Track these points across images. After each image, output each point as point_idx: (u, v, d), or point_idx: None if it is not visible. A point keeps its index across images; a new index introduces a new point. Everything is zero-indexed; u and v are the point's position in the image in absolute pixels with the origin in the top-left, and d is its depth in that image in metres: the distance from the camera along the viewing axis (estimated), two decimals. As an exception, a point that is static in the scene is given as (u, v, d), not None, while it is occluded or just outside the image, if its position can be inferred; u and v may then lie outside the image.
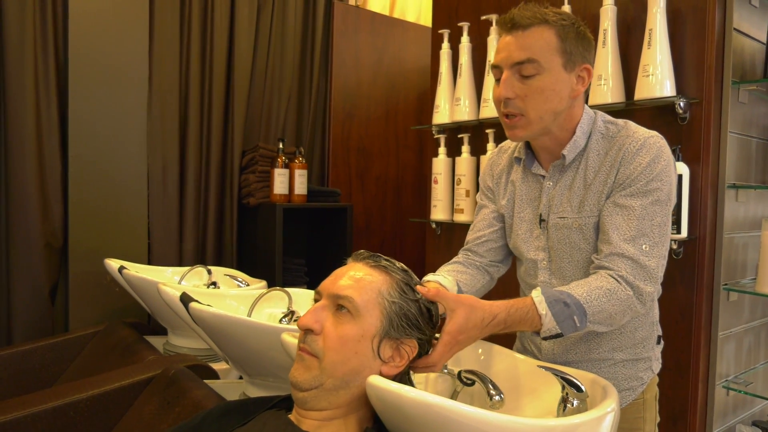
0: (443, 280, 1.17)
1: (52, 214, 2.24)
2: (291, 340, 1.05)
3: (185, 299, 1.43)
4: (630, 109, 1.69)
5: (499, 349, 1.23)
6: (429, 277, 1.20)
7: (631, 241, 1.02)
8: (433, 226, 2.30)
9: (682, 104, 1.57)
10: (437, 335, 0.96)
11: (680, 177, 1.53)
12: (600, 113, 1.15)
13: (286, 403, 0.97)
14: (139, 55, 2.38)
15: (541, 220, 1.16)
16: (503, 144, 1.31)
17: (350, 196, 3.04)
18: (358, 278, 0.90)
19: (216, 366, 1.80)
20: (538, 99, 1.05)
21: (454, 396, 1.20)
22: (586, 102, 1.73)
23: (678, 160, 1.56)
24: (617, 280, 1.01)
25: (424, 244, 2.44)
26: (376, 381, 0.81)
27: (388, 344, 0.89)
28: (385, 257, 0.94)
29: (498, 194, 1.27)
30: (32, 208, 2.17)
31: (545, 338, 1.00)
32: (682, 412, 1.59)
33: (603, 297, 0.99)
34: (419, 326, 0.91)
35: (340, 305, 0.88)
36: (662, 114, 1.63)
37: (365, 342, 0.87)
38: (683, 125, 1.59)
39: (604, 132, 1.11)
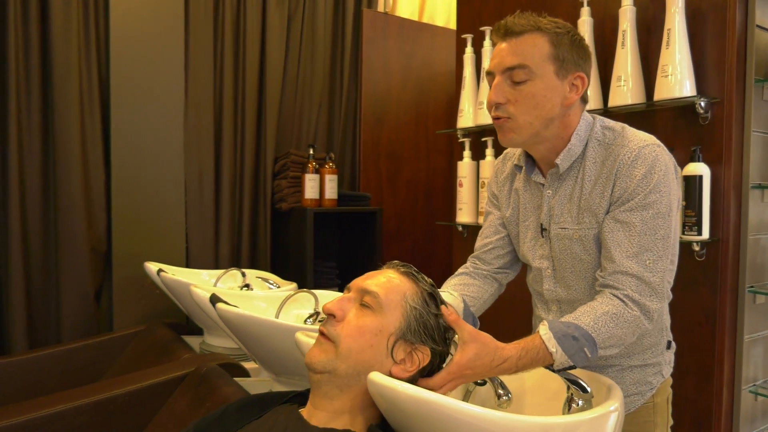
0: (448, 297, 1.17)
1: (96, 221, 2.37)
2: (305, 339, 1.10)
3: (214, 300, 1.50)
4: (651, 110, 1.68)
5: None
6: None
7: (634, 258, 1.01)
8: (459, 228, 2.33)
9: (702, 104, 1.55)
10: (451, 353, 0.98)
11: (701, 178, 1.52)
12: (599, 118, 1.14)
13: (300, 398, 1.02)
14: (175, 70, 2.50)
15: (543, 229, 1.16)
16: (507, 151, 1.30)
17: (381, 200, 3.09)
18: (387, 280, 0.96)
19: (247, 365, 1.87)
20: (528, 104, 1.05)
21: (466, 396, 1.23)
22: (606, 106, 1.74)
23: (698, 160, 1.54)
24: (623, 301, 1.01)
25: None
26: (376, 377, 0.86)
27: (402, 347, 0.93)
28: (416, 269, 1.00)
29: (502, 202, 1.27)
30: (78, 216, 2.31)
31: (558, 371, 1.00)
32: (707, 416, 1.57)
33: (610, 323, 0.99)
34: (434, 338, 0.96)
35: (365, 300, 0.94)
36: (683, 114, 1.62)
37: (381, 337, 0.92)
38: (704, 125, 1.57)
39: (600, 138, 1.10)
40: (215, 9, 2.64)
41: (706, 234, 1.53)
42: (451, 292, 1.21)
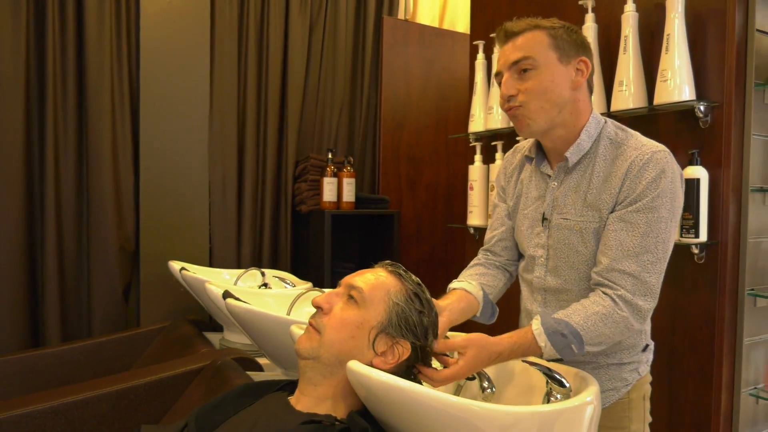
0: (468, 286, 1.25)
1: (125, 222, 2.51)
2: (299, 331, 1.17)
3: (225, 296, 1.60)
4: (652, 114, 1.70)
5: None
6: (454, 284, 1.28)
7: (634, 257, 1.05)
8: (471, 231, 2.37)
9: (702, 108, 1.56)
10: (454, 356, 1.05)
11: (698, 181, 1.53)
12: (610, 120, 1.18)
13: (291, 386, 1.09)
14: (201, 79, 2.63)
15: (544, 219, 1.20)
16: (518, 145, 1.36)
17: (401, 203, 3.15)
18: (375, 277, 1.03)
19: (262, 360, 1.96)
20: (536, 91, 1.10)
21: (457, 390, 1.28)
22: (609, 108, 1.76)
23: (696, 164, 1.55)
24: (615, 301, 1.05)
25: (467, 249, 2.51)
26: (354, 365, 0.92)
27: (383, 340, 1.00)
28: (404, 269, 1.07)
29: (508, 193, 1.32)
30: (108, 217, 2.45)
31: (542, 365, 1.08)
32: (706, 419, 1.57)
33: (599, 322, 1.04)
34: (416, 333, 1.01)
35: (351, 294, 1.01)
36: (684, 118, 1.63)
37: (363, 330, 0.99)
38: (705, 129, 1.58)
39: (613, 137, 1.14)
40: (239, 18, 2.76)
41: (703, 237, 1.54)
42: (469, 281, 1.27)
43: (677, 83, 1.56)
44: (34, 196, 2.37)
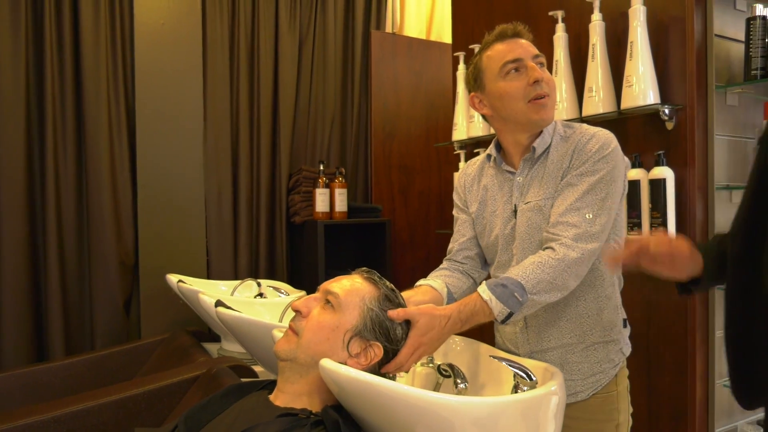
0: (433, 283, 1.31)
1: (125, 237, 2.59)
2: (280, 335, 1.24)
3: (217, 305, 1.67)
4: (622, 118, 1.77)
5: (471, 343, 1.37)
6: (421, 281, 1.34)
7: (576, 212, 1.15)
8: (458, 236, 2.43)
9: (666, 111, 1.63)
10: None
11: (665, 181, 1.59)
12: (559, 121, 1.30)
13: (272, 385, 1.16)
14: (194, 96, 2.72)
15: (515, 211, 1.28)
16: (469, 161, 1.46)
17: (393, 212, 3.22)
18: (351, 283, 1.10)
19: (257, 368, 2.02)
20: (554, 84, 1.25)
21: (437, 388, 1.35)
22: (581, 114, 1.83)
23: (662, 164, 1.62)
24: (553, 249, 1.13)
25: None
26: (326, 363, 0.98)
27: (358, 342, 1.06)
28: (379, 275, 1.14)
29: (469, 202, 1.39)
30: (108, 232, 2.54)
31: (503, 321, 1.11)
32: (683, 410, 1.62)
33: (536, 269, 1.11)
34: (388, 336, 1.08)
35: (328, 299, 1.08)
36: (651, 121, 1.70)
37: (338, 333, 1.05)
38: (670, 131, 1.65)
39: (562, 134, 1.26)
40: (230, 36, 2.86)
41: (672, 234, 1.60)
42: (435, 279, 1.34)
43: (642, 88, 1.63)
44: (36, 213, 2.46)
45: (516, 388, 1.16)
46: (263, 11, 2.93)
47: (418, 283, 1.33)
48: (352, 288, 1.09)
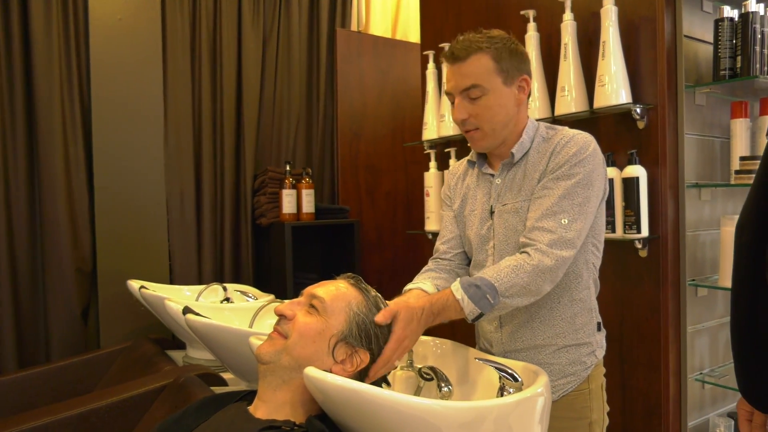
0: (423, 285, 1.29)
1: (81, 242, 2.47)
2: (257, 342, 1.19)
3: (185, 312, 1.59)
4: (594, 117, 1.78)
5: (456, 346, 1.35)
6: (410, 285, 1.32)
7: (552, 217, 1.15)
8: (429, 236, 2.42)
9: (638, 110, 1.65)
10: None
11: (637, 179, 1.61)
12: (542, 123, 1.29)
13: (251, 396, 1.11)
14: (154, 94, 2.62)
15: (492, 212, 1.28)
16: (460, 159, 1.45)
17: (361, 213, 3.19)
18: (336, 288, 1.06)
19: (226, 375, 1.95)
20: (487, 115, 1.21)
21: (418, 391, 1.32)
22: (554, 113, 1.84)
23: (635, 163, 1.64)
24: (528, 254, 1.13)
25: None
26: (310, 371, 0.94)
27: (343, 348, 1.02)
28: (364, 282, 1.11)
29: (454, 199, 1.40)
30: (64, 237, 2.41)
31: (473, 320, 1.11)
32: (657, 405, 1.65)
33: (511, 273, 1.11)
34: (374, 343, 1.05)
35: (312, 303, 1.04)
36: (623, 120, 1.72)
37: (324, 337, 1.02)
38: (642, 130, 1.67)
39: (544, 136, 1.26)
40: (192, 32, 2.76)
41: (645, 232, 1.62)
42: (424, 281, 1.32)
43: (614, 87, 1.65)
44: (-16, 220, 2.31)
45: (502, 390, 1.15)
46: (225, 7, 2.84)
47: (407, 288, 1.31)
48: (338, 293, 1.06)
